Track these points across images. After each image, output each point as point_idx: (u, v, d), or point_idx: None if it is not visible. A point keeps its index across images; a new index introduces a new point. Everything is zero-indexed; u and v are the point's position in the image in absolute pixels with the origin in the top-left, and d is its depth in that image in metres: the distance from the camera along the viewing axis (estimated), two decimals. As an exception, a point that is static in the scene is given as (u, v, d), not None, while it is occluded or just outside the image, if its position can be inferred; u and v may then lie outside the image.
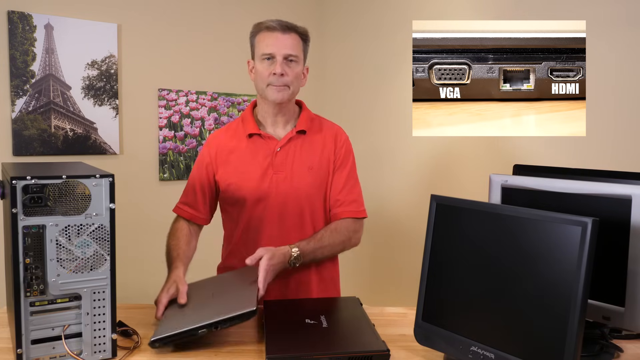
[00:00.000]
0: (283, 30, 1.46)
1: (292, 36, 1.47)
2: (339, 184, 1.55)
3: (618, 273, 1.04)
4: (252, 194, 1.49)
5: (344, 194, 1.54)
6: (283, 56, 1.44)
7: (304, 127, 1.54)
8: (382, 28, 2.96)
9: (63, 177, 1.02)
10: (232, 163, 1.53)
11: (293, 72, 1.47)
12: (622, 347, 1.16)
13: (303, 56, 1.52)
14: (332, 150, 1.56)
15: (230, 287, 1.27)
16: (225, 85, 3.18)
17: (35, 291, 1.01)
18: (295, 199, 1.50)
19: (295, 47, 1.47)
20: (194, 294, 1.28)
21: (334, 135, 1.58)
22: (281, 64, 1.44)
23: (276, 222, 1.50)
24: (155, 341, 1.08)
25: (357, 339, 1.13)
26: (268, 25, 1.47)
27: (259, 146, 1.52)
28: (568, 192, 1.11)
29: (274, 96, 1.46)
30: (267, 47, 1.45)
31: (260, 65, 1.47)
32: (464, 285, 1.05)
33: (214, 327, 1.07)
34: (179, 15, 3.00)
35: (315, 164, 1.53)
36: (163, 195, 3.02)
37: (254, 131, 1.52)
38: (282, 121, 1.55)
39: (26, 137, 2.56)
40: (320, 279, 1.57)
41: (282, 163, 1.50)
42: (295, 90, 1.50)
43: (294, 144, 1.53)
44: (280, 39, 1.45)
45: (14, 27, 2.50)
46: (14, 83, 2.52)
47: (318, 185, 1.53)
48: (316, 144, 1.55)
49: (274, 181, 1.49)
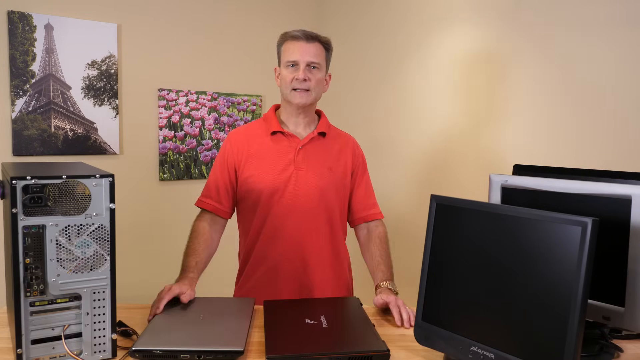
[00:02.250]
0: (307, 39, 1.55)
1: (315, 45, 1.56)
2: (363, 189, 1.69)
3: (618, 273, 1.04)
4: (271, 186, 1.54)
5: (367, 198, 1.70)
6: (306, 63, 1.54)
7: (324, 129, 1.64)
8: (382, 28, 2.96)
9: (63, 177, 1.02)
10: (253, 156, 1.58)
11: (315, 78, 1.56)
12: (622, 347, 1.16)
13: (325, 64, 1.61)
14: (351, 157, 1.67)
15: (222, 316, 1.24)
16: (225, 85, 3.18)
17: (35, 291, 1.01)
18: (313, 195, 1.56)
19: (318, 55, 1.56)
20: (185, 311, 1.27)
21: (351, 143, 1.70)
22: (304, 70, 1.54)
23: (292, 216, 1.55)
24: (136, 351, 1.06)
25: (357, 339, 1.13)
26: (293, 34, 1.56)
27: (282, 143, 1.59)
28: (568, 192, 1.11)
29: (297, 100, 1.56)
30: (291, 54, 1.55)
31: (285, 71, 1.57)
32: (464, 285, 1.06)
33: (197, 355, 1.06)
34: (179, 15, 3.00)
35: (334, 165, 1.61)
36: (163, 195, 3.02)
37: (278, 129, 1.59)
38: (303, 122, 1.63)
39: (26, 137, 2.56)
40: None
41: (303, 160, 1.58)
42: (317, 95, 1.59)
43: (315, 144, 1.61)
44: (304, 47, 1.54)
45: (14, 27, 2.50)
46: (14, 83, 2.52)
47: (336, 186, 1.60)
48: (335, 148, 1.65)
49: (294, 176, 1.55)
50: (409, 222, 2.79)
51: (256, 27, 3.25)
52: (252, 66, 3.26)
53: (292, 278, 1.57)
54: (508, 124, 2.21)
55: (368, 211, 1.68)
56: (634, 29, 1.76)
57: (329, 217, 1.59)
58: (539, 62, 2.07)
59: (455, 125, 2.49)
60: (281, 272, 1.57)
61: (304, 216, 1.56)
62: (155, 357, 1.06)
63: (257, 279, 1.59)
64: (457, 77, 2.46)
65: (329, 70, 1.66)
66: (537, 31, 2.06)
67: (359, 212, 1.68)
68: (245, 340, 1.11)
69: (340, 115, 3.29)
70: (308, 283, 1.58)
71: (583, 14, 1.91)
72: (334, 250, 1.62)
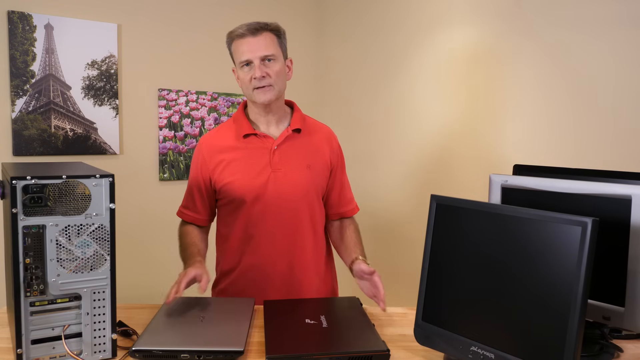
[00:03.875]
0: (253, 33, 1.46)
1: (264, 36, 1.47)
2: (339, 185, 1.65)
3: (618, 273, 1.04)
4: (249, 191, 1.49)
5: (344, 194, 1.65)
6: (259, 58, 1.45)
7: (298, 125, 1.56)
8: (382, 28, 2.96)
9: (63, 177, 1.02)
10: (227, 163, 1.52)
11: (273, 71, 1.47)
12: (622, 347, 1.16)
13: (281, 51, 1.52)
14: (328, 152, 1.60)
15: (222, 316, 1.25)
16: (225, 85, 3.18)
17: (35, 291, 1.01)
18: (294, 196, 1.51)
19: (270, 46, 1.47)
20: (185, 311, 1.27)
21: (327, 137, 1.63)
22: (259, 67, 1.45)
23: (274, 220, 1.51)
24: (136, 351, 1.07)
25: (357, 339, 1.13)
26: (237, 32, 1.48)
27: (256, 145, 1.52)
28: (568, 192, 1.11)
29: (261, 98, 1.48)
30: (242, 54, 1.47)
31: (242, 73, 1.49)
32: (464, 285, 1.06)
33: (197, 355, 1.07)
34: (179, 15, 3.00)
35: (312, 162, 1.55)
36: (163, 195, 3.02)
37: (250, 131, 1.53)
38: (274, 120, 1.56)
39: (26, 137, 2.56)
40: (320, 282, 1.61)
41: (280, 161, 1.51)
42: (281, 88, 1.51)
43: (291, 143, 1.54)
44: (252, 43, 1.46)
45: (14, 27, 2.50)
46: (14, 83, 2.52)
47: (316, 183, 1.55)
48: (312, 144, 1.58)
49: (272, 179, 1.50)
50: (409, 222, 2.79)
51: (256, 27, 3.25)
52: (252, 66, 3.26)
53: (278, 281, 1.52)
54: (508, 123, 2.21)
55: (346, 207, 1.65)
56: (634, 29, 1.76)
57: (311, 215, 1.55)
58: (539, 62, 2.07)
59: (455, 125, 2.48)
60: (267, 276, 1.52)
61: (284, 218, 1.51)
62: (155, 357, 1.06)
63: (243, 284, 1.55)
64: (457, 77, 2.46)
65: (289, 55, 1.56)
66: (537, 31, 2.06)
67: (337, 207, 1.64)
68: (245, 340, 1.11)
69: (340, 115, 3.29)
70: (295, 284, 1.54)
71: (583, 14, 1.91)
72: (319, 248, 1.59)
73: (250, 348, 1.14)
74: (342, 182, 1.66)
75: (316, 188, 1.55)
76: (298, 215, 1.52)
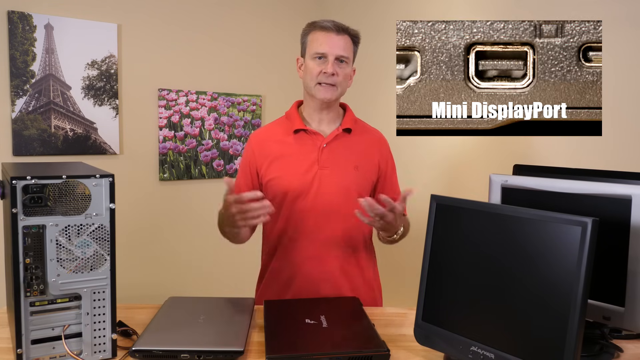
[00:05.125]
0: (337, 31, 1.48)
1: (345, 37, 1.49)
2: (394, 187, 1.64)
3: (618, 273, 1.04)
4: (295, 187, 1.48)
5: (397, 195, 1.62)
6: (335, 56, 1.47)
7: (349, 125, 1.56)
8: (382, 28, 2.96)
9: (63, 177, 1.02)
10: (276, 157, 1.52)
11: (343, 73, 1.49)
12: (622, 347, 1.16)
13: (353, 58, 1.55)
14: (378, 155, 1.60)
15: (222, 316, 1.25)
16: (225, 85, 3.18)
17: (35, 291, 1.01)
18: (339, 195, 1.49)
19: (347, 49, 1.50)
20: (185, 311, 1.27)
21: (378, 140, 1.63)
22: (333, 64, 1.47)
23: (317, 218, 1.49)
24: (136, 351, 1.07)
25: (357, 339, 1.13)
26: (323, 25, 1.49)
27: (305, 142, 1.53)
28: (568, 192, 1.11)
29: (322, 95, 1.49)
30: (320, 46, 1.47)
31: (312, 63, 1.49)
32: (464, 285, 1.05)
33: (197, 355, 1.07)
34: (179, 15, 3.00)
35: (360, 164, 1.54)
36: (163, 195, 3.02)
37: (300, 127, 1.53)
38: (327, 119, 1.56)
39: (26, 137, 2.56)
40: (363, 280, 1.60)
41: (328, 159, 1.51)
42: (342, 90, 1.53)
43: (340, 142, 1.54)
44: (333, 40, 1.47)
45: (14, 27, 2.50)
46: (14, 83, 2.52)
47: (362, 185, 1.54)
48: (361, 145, 1.57)
49: (318, 176, 1.49)
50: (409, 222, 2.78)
51: (256, 27, 3.25)
52: (252, 66, 3.26)
53: (315, 280, 1.50)
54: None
55: None
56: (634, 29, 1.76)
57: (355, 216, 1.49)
58: (539, 62, 2.06)
59: (455, 125, 2.48)
60: (305, 275, 1.50)
61: (327, 216, 1.49)
62: (155, 357, 1.06)
63: (282, 282, 1.53)
64: (457, 77, 2.46)
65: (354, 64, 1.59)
66: (537, 31, 2.06)
67: None
68: (245, 340, 1.11)
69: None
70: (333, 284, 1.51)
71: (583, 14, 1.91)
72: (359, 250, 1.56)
73: (250, 348, 1.14)
74: (394, 188, 1.63)
75: (360, 189, 1.53)
76: (341, 215, 1.50)
